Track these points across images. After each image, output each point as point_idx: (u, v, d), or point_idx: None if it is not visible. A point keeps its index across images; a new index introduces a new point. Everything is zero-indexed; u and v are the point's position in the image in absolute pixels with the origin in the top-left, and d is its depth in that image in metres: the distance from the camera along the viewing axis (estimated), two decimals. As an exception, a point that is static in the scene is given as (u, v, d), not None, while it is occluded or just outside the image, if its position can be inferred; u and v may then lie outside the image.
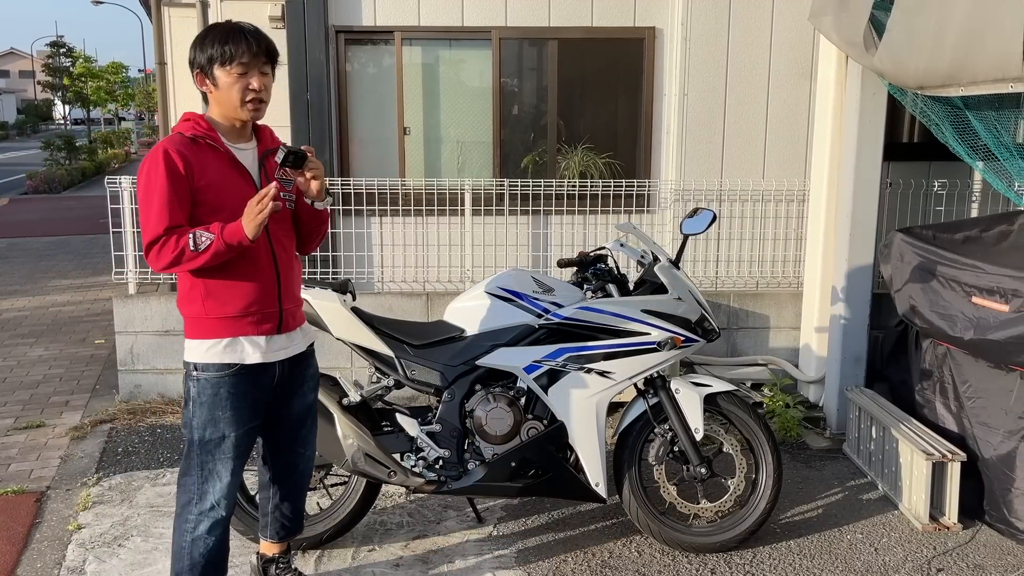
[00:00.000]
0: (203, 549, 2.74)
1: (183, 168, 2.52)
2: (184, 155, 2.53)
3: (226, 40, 2.55)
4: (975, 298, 3.69)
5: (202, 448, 2.69)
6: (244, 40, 2.56)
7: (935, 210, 5.42)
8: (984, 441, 3.72)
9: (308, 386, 2.94)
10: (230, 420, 2.68)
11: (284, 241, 2.75)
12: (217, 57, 2.55)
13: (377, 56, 5.55)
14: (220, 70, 2.56)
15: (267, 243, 2.67)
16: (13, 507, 3.90)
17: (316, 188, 2.65)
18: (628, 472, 3.48)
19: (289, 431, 2.94)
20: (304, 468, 3.05)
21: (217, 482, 2.71)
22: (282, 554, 3.12)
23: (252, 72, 2.58)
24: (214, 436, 2.68)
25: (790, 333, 5.42)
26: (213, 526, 2.74)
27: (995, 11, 3.29)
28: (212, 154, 2.60)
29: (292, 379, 2.84)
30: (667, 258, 3.56)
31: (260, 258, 2.65)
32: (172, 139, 2.58)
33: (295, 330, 2.82)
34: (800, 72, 5.37)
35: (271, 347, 2.72)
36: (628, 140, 5.64)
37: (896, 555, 3.53)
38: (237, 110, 2.61)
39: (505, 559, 3.48)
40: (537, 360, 3.36)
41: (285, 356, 2.78)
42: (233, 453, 2.71)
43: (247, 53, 2.55)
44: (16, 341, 6.76)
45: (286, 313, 2.74)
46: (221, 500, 2.72)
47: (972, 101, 3.85)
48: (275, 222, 2.65)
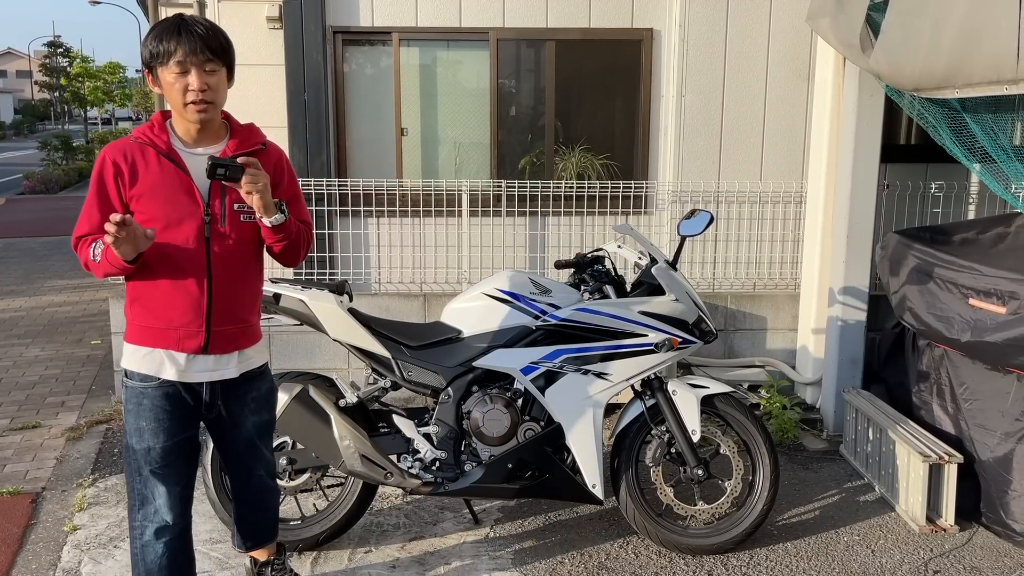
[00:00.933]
0: (154, 555, 2.65)
1: (113, 175, 2.44)
2: (118, 162, 2.44)
3: (162, 37, 2.39)
4: (972, 300, 3.69)
5: (133, 455, 2.59)
6: (179, 36, 2.38)
7: (932, 212, 5.42)
8: (981, 443, 3.72)
9: (250, 409, 2.74)
10: (154, 432, 2.56)
11: (232, 258, 2.56)
12: (156, 55, 2.40)
13: (375, 57, 5.54)
14: (162, 69, 2.41)
15: (203, 259, 2.50)
16: (8, 508, 3.89)
17: (256, 204, 2.45)
18: (625, 474, 3.48)
19: (237, 456, 2.82)
20: (262, 485, 2.91)
21: (155, 487, 2.60)
22: (276, 556, 3.06)
23: (191, 71, 2.39)
24: (141, 446, 2.57)
25: (787, 335, 5.43)
26: (160, 531, 2.64)
27: (990, 13, 3.30)
28: (155, 160, 2.47)
29: (231, 402, 2.68)
30: (664, 259, 3.55)
31: (188, 274, 2.50)
32: (117, 144, 2.50)
33: (229, 354, 2.61)
34: (798, 74, 5.37)
35: (192, 367, 2.56)
36: (626, 141, 5.64)
37: (893, 557, 3.53)
38: (183, 112, 2.45)
39: (502, 561, 3.47)
40: (534, 361, 3.36)
41: (210, 379, 2.60)
42: (163, 462, 2.58)
43: (181, 49, 2.37)
44: (12, 341, 6.74)
45: (216, 335, 2.55)
46: (163, 506, 2.62)
47: (969, 103, 3.86)
48: (222, 236, 2.51)
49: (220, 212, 2.52)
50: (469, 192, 5.34)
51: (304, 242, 2.73)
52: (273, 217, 2.50)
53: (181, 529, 2.70)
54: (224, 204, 2.52)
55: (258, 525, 2.99)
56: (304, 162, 5.32)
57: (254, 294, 2.71)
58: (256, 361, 2.74)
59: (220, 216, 2.52)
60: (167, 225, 2.45)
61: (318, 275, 5.38)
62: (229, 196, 2.53)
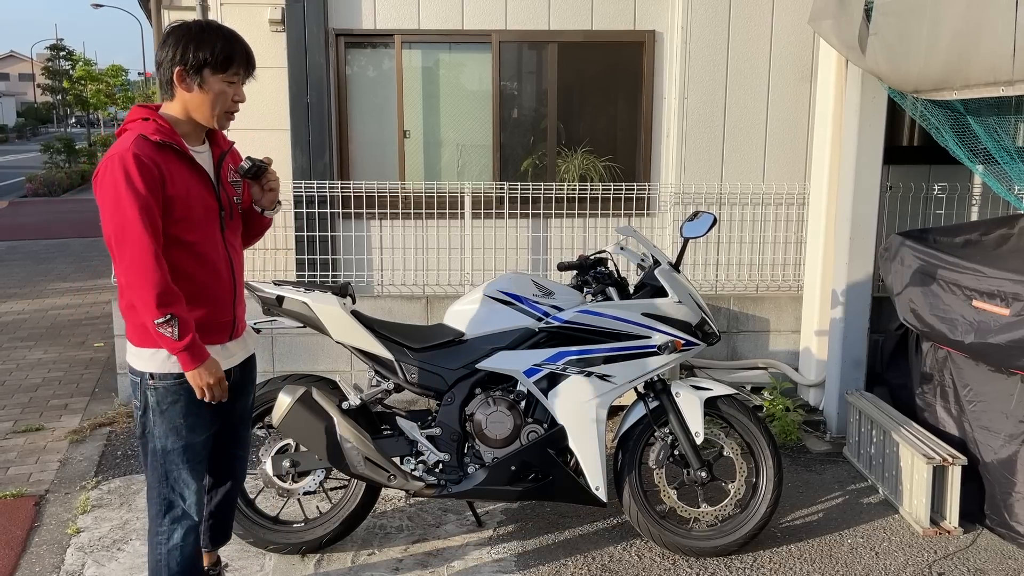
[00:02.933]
0: (179, 558, 2.68)
1: (158, 176, 2.39)
2: (156, 162, 2.39)
3: (229, 47, 2.48)
4: (976, 302, 3.69)
5: (166, 457, 2.61)
6: (243, 50, 2.52)
7: (935, 213, 5.42)
8: (985, 445, 3.71)
9: (249, 388, 2.92)
10: (192, 427, 2.61)
11: (237, 246, 2.73)
12: (213, 61, 2.45)
13: (377, 59, 5.55)
14: (213, 76, 2.46)
15: (224, 251, 2.62)
16: (12, 510, 3.89)
17: (270, 201, 2.70)
18: (628, 476, 3.48)
19: (230, 432, 2.88)
20: (242, 472, 3.03)
21: (185, 488, 2.65)
22: (212, 566, 3.06)
23: (238, 84, 2.54)
24: (177, 445, 2.60)
25: (790, 336, 5.42)
26: (187, 532, 2.69)
27: (987, 15, 3.30)
28: (177, 161, 2.47)
29: (241, 382, 2.80)
30: (667, 261, 3.55)
31: (220, 267, 2.60)
32: (139, 143, 2.37)
33: (242, 336, 2.77)
34: (800, 75, 5.37)
35: (226, 355, 2.67)
36: (628, 143, 5.64)
37: (897, 559, 3.52)
38: (210, 117, 2.51)
39: (505, 563, 3.47)
40: (537, 364, 3.36)
41: (237, 362, 2.74)
42: (198, 459, 2.66)
43: (242, 66, 2.51)
44: (15, 344, 6.75)
45: (238, 320, 2.71)
46: (192, 506, 2.67)
47: (972, 105, 3.86)
48: (230, 227, 2.66)
49: (228, 205, 2.66)
50: (471, 194, 5.34)
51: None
52: (274, 210, 2.76)
53: (199, 528, 2.76)
54: (228, 197, 2.67)
55: (226, 520, 3.05)
56: (307, 164, 5.32)
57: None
58: (252, 342, 2.91)
59: (229, 209, 2.66)
60: (196, 223, 2.52)
61: (321, 278, 5.38)
62: (227, 190, 2.66)
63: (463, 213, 5.36)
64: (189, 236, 2.50)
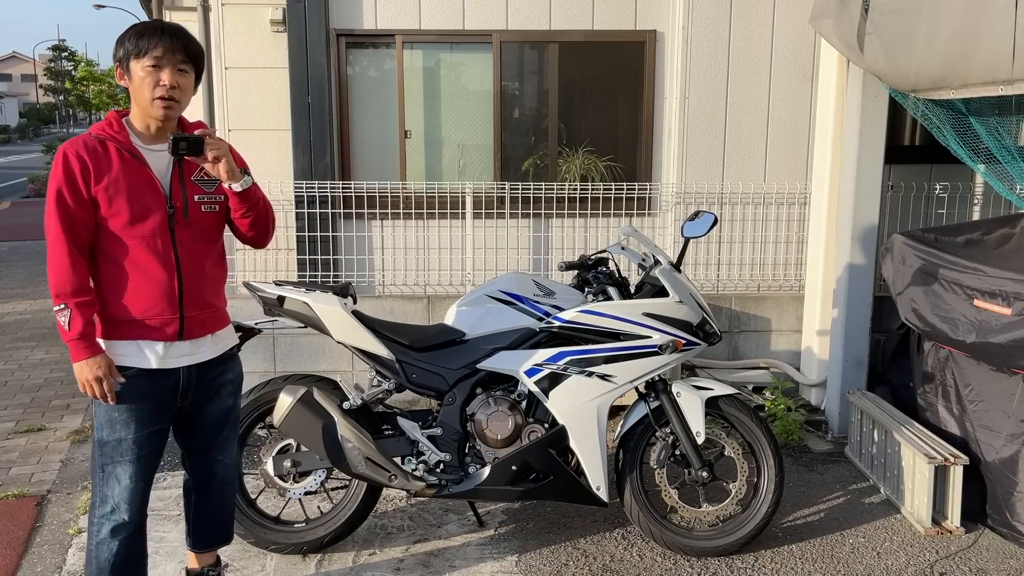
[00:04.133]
0: (107, 554, 2.66)
1: (80, 171, 2.48)
2: (82, 157, 2.48)
3: (142, 34, 2.51)
4: (977, 301, 3.69)
5: (102, 449, 2.63)
6: (159, 34, 2.51)
7: (936, 213, 5.41)
8: (986, 445, 3.71)
9: (226, 391, 2.83)
10: (127, 422, 2.60)
11: (197, 247, 2.65)
12: (132, 50, 2.51)
13: (378, 59, 5.55)
14: (134, 63, 2.52)
15: (170, 249, 2.58)
16: (14, 511, 3.90)
17: (222, 170, 2.54)
18: (629, 476, 3.47)
19: (204, 437, 2.85)
20: (225, 476, 2.95)
21: (116, 485, 2.63)
22: (211, 567, 3.04)
23: (165, 67, 2.50)
24: (112, 438, 2.61)
25: (791, 336, 5.42)
26: (116, 529, 2.65)
27: (986, 14, 3.29)
28: (117, 156, 2.52)
29: (204, 385, 2.75)
30: (668, 261, 3.55)
31: (159, 265, 2.57)
32: (76, 140, 2.53)
33: (203, 337, 2.70)
34: (801, 75, 5.37)
35: (171, 353, 2.63)
36: (629, 143, 5.64)
37: (898, 559, 3.52)
38: (148, 106, 2.53)
39: (506, 563, 3.47)
40: (538, 363, 3.36)
41: (189, 363, 2.67)
42: (132, 456, 2.62)
43: (160, 46, 2.49)
44: (17, 344, 6.76)
45: (189, 320, 2.63)
46: (122, 504, 2.64)
47: (973, 104, 3.86)
48: (186, 227, 2.60)
49: (182, 204, 2.60)
50: (472, 194, 5.34)
51: (270, 216, 2.82)
52: (241, 181, 2.60)
53: (137, 527, 2.71)
54: (185, 196, 2.61)
55: (216, 523, 3.00)
56: (308, 165, 5.33)
57: (219, 280, 2.78)
58: (229, 342, 2.84)
59: (183, 208, 2.60)
60: (133, 219, 2.52)
61: (322, 278, 5.39)
62: (189, 189, 2.62)
63: (464, 213, 5.36)
64: (124, 230, 2.52)
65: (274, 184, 5.25)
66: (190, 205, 2.62)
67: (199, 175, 2.63)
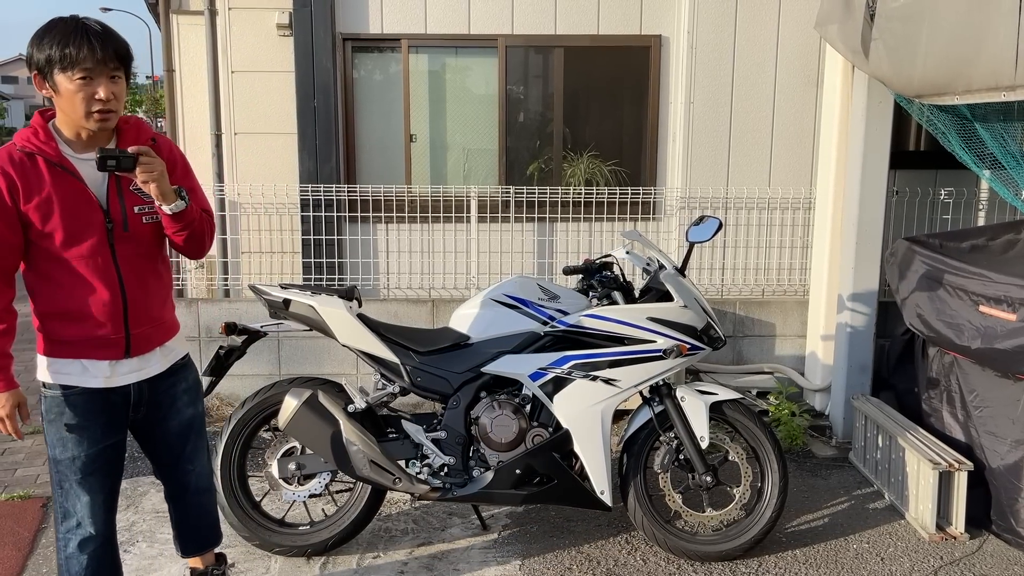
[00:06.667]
0: (78, 568, 2.58)
1: (7, 188, 2.29)
2: (10, 174, 2.30)
3: (67, 42, 2.24)
4: (982, 307, 3.68)
5: (57, 467, 2.54)
6: (87, 42, 2.25)
7: (942, 218, 5.41)
8: (991, 450, 3.70)
9: (182, 402, 2.70)
10: (78, 440, 2.51)
11: (139, 261, 2.49)
12: (57, 60, 2.25)
13: (384, 64, 5.57)
14: (61, 75, 2.26)
15: (111, 265, 2.42)
16: (19, 512, 3.91)
17: (154, 192, 2.35)
18: (633, 480, 3.47)
19: (171, 451, 2.76)
20: (199, 485, 2.85)
21: (76, 500, 2.55)
22: (215, 565, 3.00)
23: (98, 79, 2.27)
24: (64, 456, 2.52)
25: (796, 341, 5.42)
26: (83, 543, 2.57)
27: (989, 20, 3.30)
28: (47, 170, 2.33)
29: (156, 399, 2.63)
30: (673, 266, 3.56)
31: (99, 283, 2.42)
32: (2, 153, 2.33)
33: (151, 352, 2.57)
34: (806, 80, 5.38)
35: (117, 371, 2.51)
36: (634, 147, 5.65)
37: (903, 565, 3.52)
38: (82, 120, 2.31)
39: (510, 567, 3.47)
40: (542, 367, 3.36)
41: (138, 379, 2.55)
42: (86, 471, 2.52)
43: (90, 58, 2.24)
44: (22, 346, 6.73)
45: (136, 337, 2.50)
46: (85, 518, 2.56)
47: (978, 110, 3.86)
48: (126, 241, 2.44)
49: (121, 217, 2.43)
50: (477, 198, 5.35)
51: (208, 231, 2.63)
52: (173, 204, 2.41)
53: (105, 539, 2.63)
54: (124, 208, 2.44)
55: (200, 529, 2.93)
56: (313, 168, 5.35)
57: (165, 290, 2.65)
58: (179, 351, 2.71)
59: (122, 221, 2.43)
60: (69, 236, 2.36)
61: (327, 281, 5.40)
62: (128, 200, 2.44)
63: (469, 217, 5.37)
64: (61, 249, 2.37)
65: (280, 187, 5.27)
66: (129, 218, 2.44)
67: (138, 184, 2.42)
